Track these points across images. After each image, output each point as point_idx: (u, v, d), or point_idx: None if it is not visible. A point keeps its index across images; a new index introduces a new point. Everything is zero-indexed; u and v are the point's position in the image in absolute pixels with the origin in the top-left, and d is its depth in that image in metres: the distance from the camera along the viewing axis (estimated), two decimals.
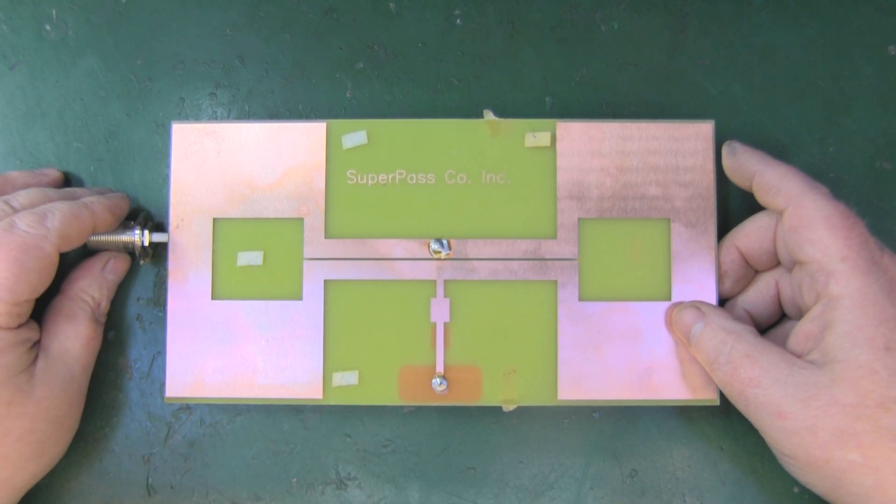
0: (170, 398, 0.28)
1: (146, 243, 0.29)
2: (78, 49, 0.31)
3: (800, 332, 0.26)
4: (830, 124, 0.31)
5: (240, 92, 0.31)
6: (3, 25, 0.32)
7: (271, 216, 0.29)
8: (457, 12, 0.31)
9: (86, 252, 0.30)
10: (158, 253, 0.30)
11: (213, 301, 0.29)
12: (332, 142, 0.29)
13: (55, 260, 0.26)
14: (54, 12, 0.32)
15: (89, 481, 0.30)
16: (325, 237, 0.29)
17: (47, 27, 0.31)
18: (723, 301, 0.29)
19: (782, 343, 0.27)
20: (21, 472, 0.27)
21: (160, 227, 0.30)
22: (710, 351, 0.26)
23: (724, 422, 0.30)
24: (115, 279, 0.30)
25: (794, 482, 0.29)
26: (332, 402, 0.28)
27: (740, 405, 0.26)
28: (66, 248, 0.27)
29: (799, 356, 0.25)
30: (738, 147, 0.28)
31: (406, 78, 0.31)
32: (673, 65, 0.31)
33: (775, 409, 0.25)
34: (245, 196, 0.29)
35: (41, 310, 0.28)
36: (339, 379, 0.28)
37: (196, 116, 0.31)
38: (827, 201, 0.26)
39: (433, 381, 0.28)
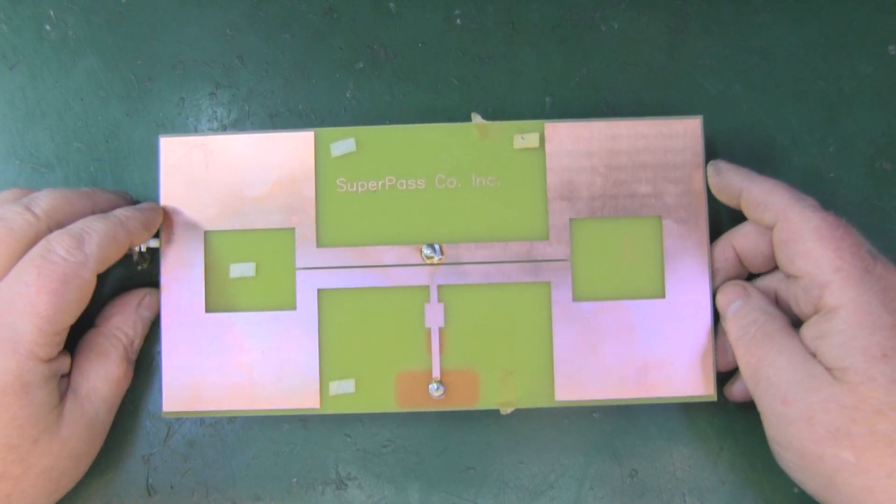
0: (167, 412, 0.28)
1: (143, 249, 0.29)
2: (78, 49, 0.31)
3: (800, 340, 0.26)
4: (830, 124, 0.31)
5: (240, 92, 0.31)
6: (3, 25, 0.32)
7: (262, 227, 0.29)
8: (457, 12, 0.31)
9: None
10: (157, 257, 0.30)
11: (208, 314, 0.29)
12: (320, 150, 0.29)
13: (93, 285, 0.26)
14: (53, 12, 0.32)
15: (89, 481, 0.30)
16: (317, 246, 0.29)
17: (47, 27, 0.31)
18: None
19: None
20: None
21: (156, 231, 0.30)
22: (741, 326, 0.27)
23: (724, 422, 0.30)
24: (150, 316, 0.29)
25: (794, 482, 0.29)
26: (330, 410, 0.28)
27: (751, 384, 0.26)
28: (102, 270, 0.27)
29: None
30: (723, 166, 0.28)
31: (406, 78, 0.31)
32: (673, 65, 0.31)
33: (781, 394, 0.25)
34: (235, 208, 0.29)
35: (72, 344, 0.28)
36: (336, 387, 0.28)
37: (196, 116, 0.31)
38: (814, 213, 0.25)
39: (430, 386, 0.28)
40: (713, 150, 0.30)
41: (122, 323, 0.29)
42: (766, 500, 0.30)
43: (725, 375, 0.29)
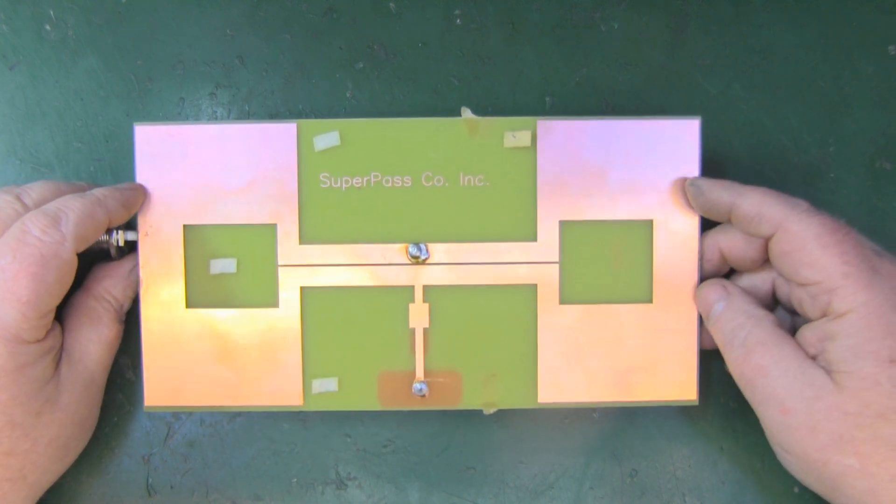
0: (150, 406, 0.28)
1: (121, 243, 0.28)
2: (78, 49, 0.31)
3: (800, 339, 0.26)
4: (830, 124, 0.31)
5: (240, 92, 0.31)
6: (3, 25, 0.31)
7: (243, 222, 0.28)
8: (457, 12, 0.31)
9: None
10: (135, 250, 0.29)
11: (188, 310, 0.28)
12: (303, 143, 0.28)
13: (74, 263, 0.26)
14: (53, 12, 0.32)
15: (89, 481, 0.30)
16: (300, 243, 0.28)
17: (47, 27, 0.31)
18: None
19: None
20: (47, 474, 0.27)
21: (133, 224, 0.29)
22: (727, 332, 0.26)
23: (724, 422, 0.30)
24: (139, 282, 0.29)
25: (794, 482, 0.29)
26: (313, 408, 0.28)
27: (748, 393, 0.26)
28: (82, 249, 0.26)
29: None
30: (704, 184, 0.27)
31: (406, 78, 0.31)
32: (673, 65, 0.31)
33: (780, 404, 0.25)
34: (215, 201, 0.28)
35: (61, 307, 0.28)
36: (319, 386, 0.28)
37: (196, 116, 0.31)
38: (812, 218, 0.25)
39: (413, 385, 0.28)
40: (712, 151, 0.30)
41: (113, 287, 0.28)
42: (766, 500, 0.30)
43: (709, 377, 0.29)
